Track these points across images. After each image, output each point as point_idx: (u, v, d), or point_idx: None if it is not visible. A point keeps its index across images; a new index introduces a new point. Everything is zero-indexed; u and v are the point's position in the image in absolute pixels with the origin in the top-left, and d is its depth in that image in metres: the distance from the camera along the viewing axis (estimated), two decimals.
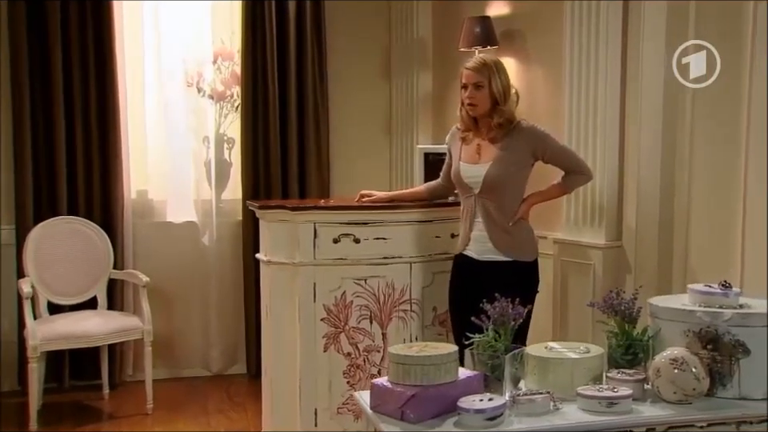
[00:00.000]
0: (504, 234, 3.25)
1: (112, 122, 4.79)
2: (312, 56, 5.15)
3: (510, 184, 3.25)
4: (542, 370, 2.04)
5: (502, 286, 3.04)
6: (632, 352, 2.11)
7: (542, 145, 3.26)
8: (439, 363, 1.95)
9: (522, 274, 3.26)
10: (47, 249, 4.56)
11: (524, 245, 3.29)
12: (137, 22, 4.93)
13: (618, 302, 2.18)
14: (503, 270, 3.24)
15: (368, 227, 3.66)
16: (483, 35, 4.63)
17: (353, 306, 3.68)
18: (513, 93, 3.29)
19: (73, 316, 4.50)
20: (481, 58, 3.34)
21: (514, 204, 3.26)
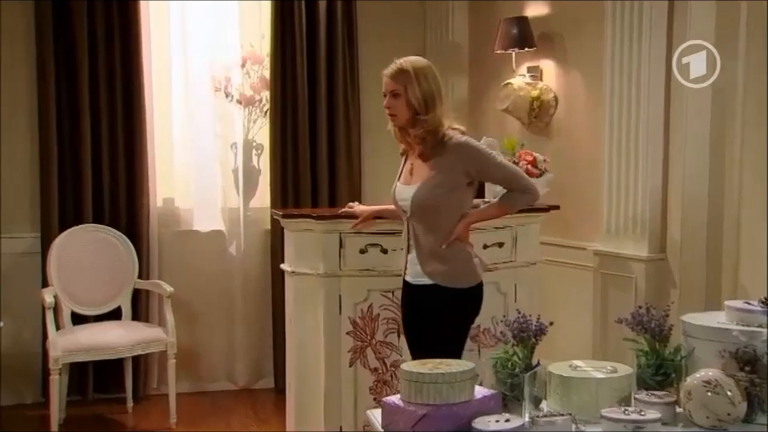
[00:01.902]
0: (431, 260, 3.03)
1: (138, 127, 4.84)
2: (343, 60, 5.15)
3: (441, 207, 2.99)
4: (565, 390, 1.98)
5: (433, 311, 3.06)
6: (663, 372, 2.05)
7: (474, 163, 2.97)
8: (453, 381, 1.91)
9: (452, 300, 3.03)
10: (71, 258, 4.61)
11: (455, 271, 3.02)
12: (163, 26, 4.98)
13: (648, 318, 2.11)
14: (433, 295, 3.05)
15: (396, 237, 3.54)
16: (520, 37, 4.61)
17: (379, 319, 3.66)
18: (440, 101, 2.99)
19: (95, 327, 4.55)
20: (399, 62, 3.09)
21: (447, 228, 3.00)
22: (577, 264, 4.45)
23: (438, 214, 3.01)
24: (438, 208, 3.00)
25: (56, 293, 4.48)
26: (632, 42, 3.99)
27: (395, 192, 3.16)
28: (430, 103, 2.98)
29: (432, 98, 2.98)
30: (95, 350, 4.35)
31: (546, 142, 4.66)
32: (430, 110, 2.97)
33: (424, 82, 2.98)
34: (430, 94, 2.98)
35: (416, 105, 2.97)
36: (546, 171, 4.05)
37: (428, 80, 2.99)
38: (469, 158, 2.97)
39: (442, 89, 3.04)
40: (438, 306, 3.05)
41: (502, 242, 3.85)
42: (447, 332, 3.01)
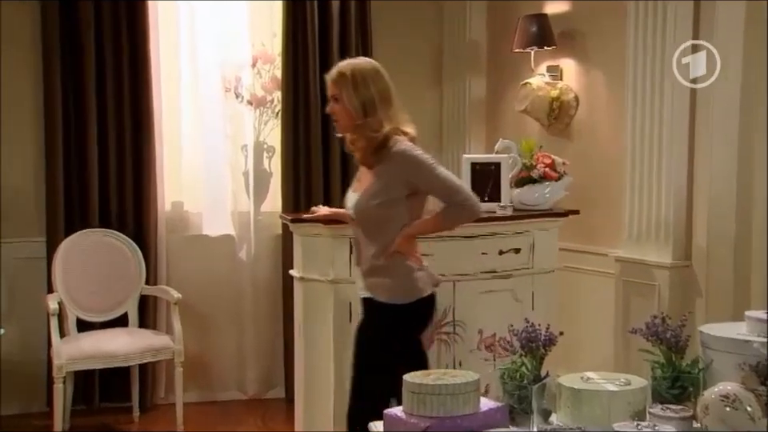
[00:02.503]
0: (371, 272, 3.01)
1: (146, 129, 4.85)
2: None
3: (381, 218, 2.94)
4: (576, 403, 1.95)
5: (373, 325, 3.05)
6: (679, 385, 2.01)
7: (413, 172, 2.90)
8: (457, 393, 1.89)
9: (389, 316, 2.99)
10: (76, 263, 4.62)
11: (393, 285, 2.97)
12: (172, 25, 4.99)
13: (664, 328, 2.07)
14: (372, 310, 3.04)
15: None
16: (539, 35, 4.59)
17: None
18: (384, 105, 2.93)
19: (101, 334, 4.55)
20: (340, 65, 3.03)
21: (388, 239, 2.94)
22: (597, 271, 4.42)
23: (377, 224, 2.97)
24: (377, 218, 2.96)
25: (61, 299, 4.49)
26: (655, 40, 3.95)
27: (345, 199, 3.13)
28: (369, 109, 2.92)
29: (372, 104, 2.91)
30: (100, 358, 4.35)
31: (567, 144, 4.63)
32: (369, 115, 2.92)
33: (362, 87, 2.92)
34: (369, 99, 2.91)
35: (352, 110, 2.93)
36: (564, 174, 4.04)
37: (368, 84, 2.92)
38: (407, 167, 2.91)
39: (389, 91, 2.97)
40: (376, 321, 3.03)
41: (518, 247, 3.85)
42: (384, 351, 2.97)
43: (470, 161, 3.98)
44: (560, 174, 4.01)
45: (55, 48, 4.69)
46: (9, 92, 4.75)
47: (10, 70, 4.74)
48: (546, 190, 3.98)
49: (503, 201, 3.87)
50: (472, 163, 3.97)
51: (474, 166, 3.95)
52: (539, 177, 3.96)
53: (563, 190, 4.03)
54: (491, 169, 3.92)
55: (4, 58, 4.72)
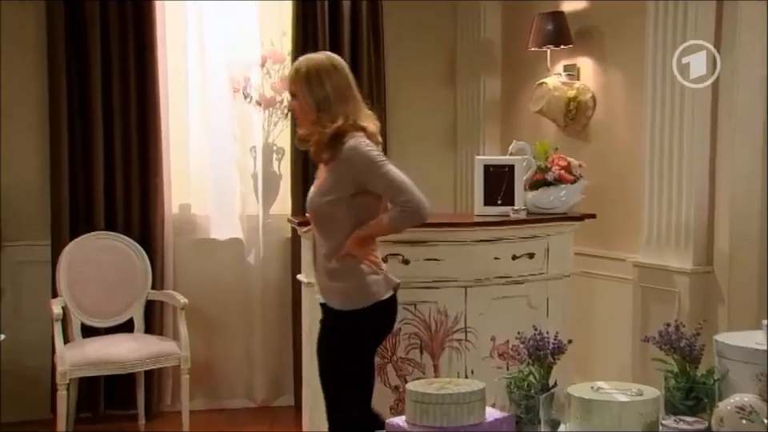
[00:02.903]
0: (323, 276, 3.02)
1: (152, 130, 4.85)
2: (368, 59, 5.13)
3: (331, 217, 2.94)
4: (586, 414, 1.91)
5: (326, 331, 3.05)
6: (694, 396, 1.97)
7: (361, 169, 2.87)
8: (461, 402, 1.86)
9: (340, 323, 2.99)
10: (81, 267, 4.63)
11: (343, 290, 2.96)
12: (179, 24, 4.99)
13: (677, 337, 2.04)
14: (326, 315, 3.05)
15: (418, 247, 3.64)
16: (555, 33, 4.57)
17: (401, 335, 3.62)
18: (341, 101, 2.92)
19: (106, 340, 4.56)
20: (298, 61, 3.05)
21: (339, 241, 2.93)
22: (615, 276, 4.39)
23: (328, 222, 2.97)
24: (328, 216, 2.95)
25: (65, 303, 4.51)
26: (676, 39, 3.91)
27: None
28: (324, 105, 2.92)
29: (326, 100, 2.91)
30: (105, 365, 4.36)
31: (583, 146, 4.60)
32: (324, 111, 2.91)
33: (317, 84, 2.93)
34: (323, 95, 2.92)
35: (307, 107, 2.94)
36: (580, 177, 4.01)
37: (322, 81, 2.93)
38: (356, 164, 2.89)
39: (347, 86, 2.96)
40: (327, 328, 3.03)
41: (532, 252, 3.82)
42: (337, 358, 2.98)
43: (482, 163, 3.96)
44: (576, 176, 3.98)
45: (60, 48, 4.70)
46: (13, 92, 4.77)
47: (14, 70, 4.76)
48: (562, 193, 3.95)
49: (517, 204, 3.85)
50: (485, 165, 3.94)
51: (487, 168, 3.93)
52: (554, 179, 3.93)
53: (579, 193, 4.00)
54: (505, 171, 3.90)
55: (8, 58, 4.74)
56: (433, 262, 3.64)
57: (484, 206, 3.91)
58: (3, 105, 4.75)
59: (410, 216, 2.89)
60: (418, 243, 3.64)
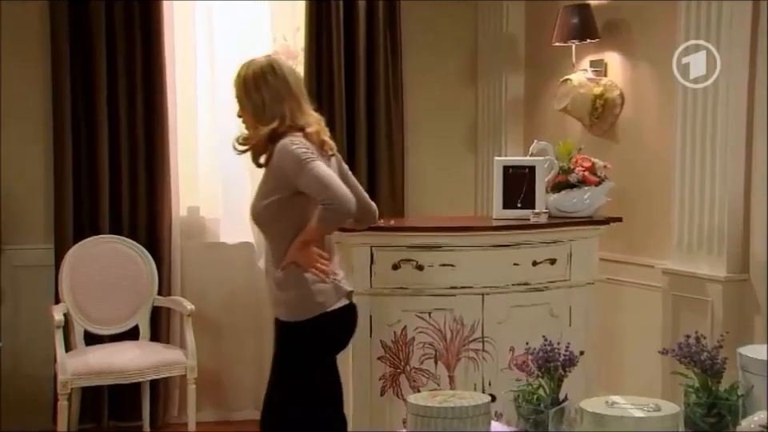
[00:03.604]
0: (271, 284, 3.05)
1: (159, 130, 4.86)
2: (384, 55, 5.12)
3: (271, 220, 2.98)
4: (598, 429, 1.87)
5: (278, 346, 3.08)
6: (716, 413, 1.92)
7: (290, 167, 2.88)
8: (464, 417, 1.83)
9: (285, 335, 3.03)
10: (84, 271, 4.64)
11: (287, 300, 2.99)
12: (188, 20, 5.01)
13: (698, 349, 1.98)
14: (277, 327, 3.09)
15: (433, 252, 3.65)
16: (581, 27, 4.54)
17: (415, 344, 3.64)
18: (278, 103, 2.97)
19: (109, 348, 4.56)
20: (239, 66, 3.11)
21: (282, 246, 2.96)
22: (642, 284, 4.34)
23: (269, 229, 3.01)
24: (267, 222, 3.00)
25: (67, 310, 4.52)
26: (709, 34, 3.87)
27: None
28: (260, 110, 2.98)
29: (263, 105, 2.97)
30: (108, 374, 4.36)
31: (610, 146, 4.57)
32: (261, 114, 2.98)
33: (254, 89, 2.98)
34: (260, 101, 2.98)
35: (245, 112, 3.04)
36: (606, 179, 3.98)
37: (259, 86, 2.98)
38: (284, 163, 2.90)
39: (285, 88, 3.00)
40: (276, 340, 3.08)
41: (554, 258, 3.80)
42: (287, 373, 3.03)
43: (502, 164, 3.95)
44: (601, 177, 3.95)
45: (64, 48, 4.73)
46: (15, 93, 4.80)
47: (16, 70, 4.80)
48: (586, 196, 3.92)
49: (538, 207, 3.83)
50: (504, 166, 3.93)
51: (506, 170, 3.91)
52: (578, 181, 3.91)
53: (604, 196, 3.97)
54: (525, 172, 3.88)
55: (11, 58, 4.78)
56: (448, 268, 3.63)
57: (503, 209, 3.90)
58: (6, 105, 4.78)
59: (333, 213, 2.87)
60: (432, 248, 3.65)
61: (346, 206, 2.84)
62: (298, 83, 3.07)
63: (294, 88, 3.01)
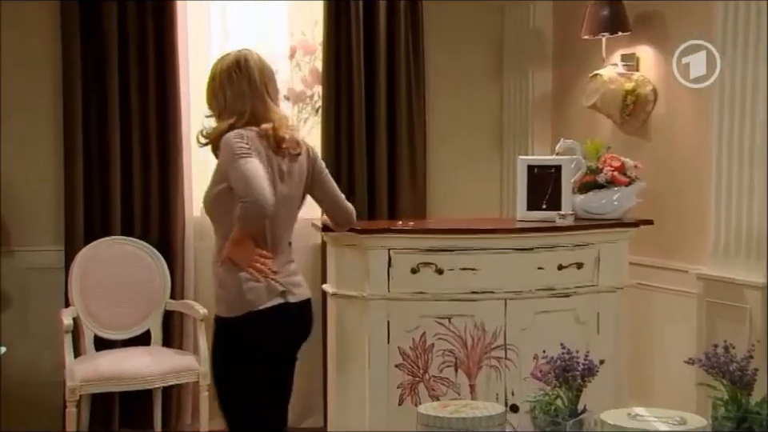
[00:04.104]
0: (213, 279, 3.20)
1: (172, 129, 4.86)
2: (406, 50, 5.10)
3: (216, 212, 3.12)
4: None
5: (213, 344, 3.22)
6: (746, 428, 1.87)
7: (226, 161, 2.98)
8: (477, 429, 1.79)
9: (216, 331, 3.15)
10: (95, 274, 4.66)
11: (219, 296, 3.12)
12: (202, 13, 5.02)
13: (727, 359, 1.93)
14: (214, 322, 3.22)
15: (453, 255, 3.65)
16: (612, 19, 4.50)
17: (434, 351, 3.64)
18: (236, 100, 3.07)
19: (120, 353, 4.57)
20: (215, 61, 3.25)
21: (222, 242, 3.09)
22: (676, 290, 4.28)
23: (214, 222, 3.16)
24: (212, 214, 3.16)
25: (77, 314, 4.54)
26: (748, 27, 3.81)
27: None
28: (221, 106, 3.11)
29: (224, 102, 3.09)
30: (118, 380, 4.36)
31: (642, 145, 4.51)
32: (221, 111, 3.10)
33: (218, 87, 3.11)
34: (222, 98, 3.09)
35: (212, 107, 3.17)
36: (636, 179, 3.94)
37: (223, 84, 3.10)
38: (222, 157, 3.03)
39: (250, 85, 3.08)
40: (213, 339, 3.20)
41: (581, 262, 3.78)
42: (221, 370, 3.15)
43: (526, 163, 3.93)
44: (631, 178, 3.93)
45: (75, 48, 4.75)
46: (26, 91, 4.84)
47: (27, 69, 4.84)
48: (615, 197, 3.90)
49: (564, 208, 3.80)
50: (529, 166, 3.92)
51: (530, 169, 3.90)
52: (606, 181, 3.88)
53: (634, 197, 3.94)
54: (551, 172, 3.86)
55: (21, 58, 4.82)
56: (469, 272, 3.63)
57: (527, 210, 3.88)
58: (15, 104, 4.82)
59: (246, 212, 2.91)
60: (453, 251, 3.64)
61: (260, 207, 2.88)
62: (264, 79, 3.12)
63: (257, 84, 3.09)
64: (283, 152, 3.08)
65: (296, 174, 3.15)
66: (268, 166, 3.01)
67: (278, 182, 3.05)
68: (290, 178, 3.13)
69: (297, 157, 3.15)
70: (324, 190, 3.27)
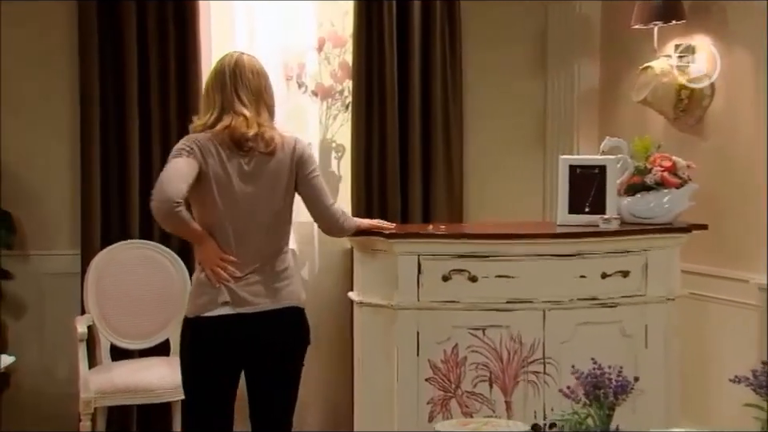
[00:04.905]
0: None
1: None
2: (442, 42, 5.09)
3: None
4: None
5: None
6: None
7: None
8: None
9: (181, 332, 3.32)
10: (112, 280, 4.70)
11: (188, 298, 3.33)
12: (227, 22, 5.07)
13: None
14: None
15: (488, 261, 3.63)
16: (664, 7, 4.43)
17: (467, 364, 3.62)
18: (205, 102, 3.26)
19: (137, 364, 4.61)
20: None
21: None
22: (735, 301, 4.21)
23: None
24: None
25: (92, 321, 4.59)
26: None
27: None
28: (201, 107, 3.29)
29: (204, 105, 3.26)
30: (134, 393, 4.41)
31: (698, 143, 4.45)
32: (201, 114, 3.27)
33: (205, 91, 3.31)
34: (204, 101, 3.28)
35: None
36: (688, 180, 3.88)
37: (207, 87, 3.28)
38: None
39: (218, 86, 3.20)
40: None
41: (627, 270, 3.73)
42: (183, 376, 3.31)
43: (568, 163, 3.88)
44: (683, 179, 3.86)
45: (93, 49, 4.84)
46: (42, 91, 4.94)
47: (44, 71, 4.95)
48: (665, 199, 3.83)
49: (608, 212, 3.76)
50: (571, 166, 3.87)
51: (573, 170, 3.86)
52: (655, 183, 3.82)
53: (687, 199, 3.87)
54: (595, 173, 3.82)
55: (38, 59, 4.93)
56: (505, 280, 3.61)
57: (569, 213, 3.85)
58: (31, 104, 4.93)
59: (152, 209, 3.11)
60: (487, 257, 3.62)
61: (157, 203, 3.06)
62: (237, 81, 3.20)
63: (228, 86, 3.18)
64: (246, 151, 3.14)
65: (269, 173, 3.19)
66: (221, 167, 3.11)
67: (236, 181, 3.13)
68: (259, 178, 3.17)
69: (269, 156, 3.18)
70: (306, 193, 3.28)
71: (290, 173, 3.22)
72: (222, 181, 3.11)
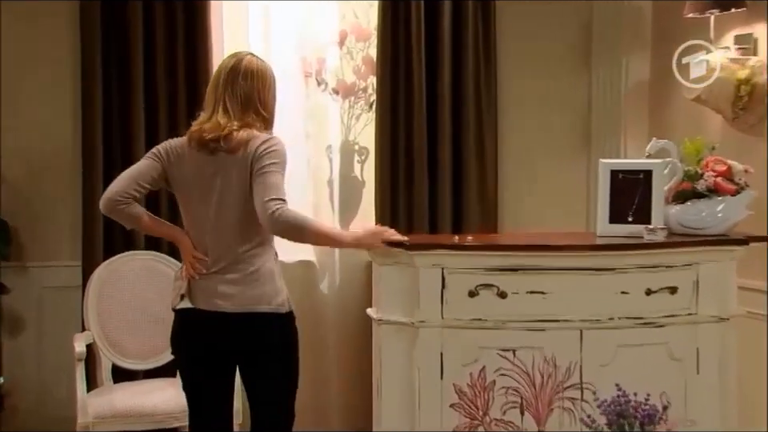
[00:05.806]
0: None
1: None
2: (475, 35, 5.11)
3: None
4: None
5: None
6: None
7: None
8: None
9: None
10: (114, 294, 4.71)
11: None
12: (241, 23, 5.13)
13: None
14: None
15: (519, 275, 3.63)
16: None
17: (495, 389, 3.61)
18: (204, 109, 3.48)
19: (139, 386, 4.61)
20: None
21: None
22: None
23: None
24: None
25: (93, 339, 4.59)
26: None
27: None
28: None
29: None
30: (136, 418, 4.38)
31: (758, 145, 4.38)
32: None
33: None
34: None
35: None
36: (746, 187, 3.81)
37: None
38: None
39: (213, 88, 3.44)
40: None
41: (675, 286, 3.69)
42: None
43: (609, 168, 3.84)
44: (739, 185, 3.79)
45: (96, 51, 4.91)
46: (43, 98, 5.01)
47: (46, 74, 5.03)
48: (718, 208, 3.77)
49: (654, 222, 3.71)
50: (612, 171, 3.83)
51: (615, 175, 3.82)
52: (707, 189, 3.76)
53: (744, 208, 3.80)
54: (639, 178, 3.78)
55: (39, 62, 5.00)
56: (538, 296, 3.59)
57: (610, 223, 3.81)
58: (32, 110, 4.99)
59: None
60: (518, 271, 3.61)
61: (101, 200, 3.38)
62: (227, 87, 3.40)
63: (219, 90, 3.40)
64: (212, 151, 3.33)
65: (232, 172, 3.32)
66: (188, 168, 3.35)
67: (202, 182, 3.34)
68: (223, 177, 3.32)
69: (232, 155, 3.31)
70: (253, 188, 3.30)
71: (249, 170, 3.31)
72: (188, 182, 3.36)
